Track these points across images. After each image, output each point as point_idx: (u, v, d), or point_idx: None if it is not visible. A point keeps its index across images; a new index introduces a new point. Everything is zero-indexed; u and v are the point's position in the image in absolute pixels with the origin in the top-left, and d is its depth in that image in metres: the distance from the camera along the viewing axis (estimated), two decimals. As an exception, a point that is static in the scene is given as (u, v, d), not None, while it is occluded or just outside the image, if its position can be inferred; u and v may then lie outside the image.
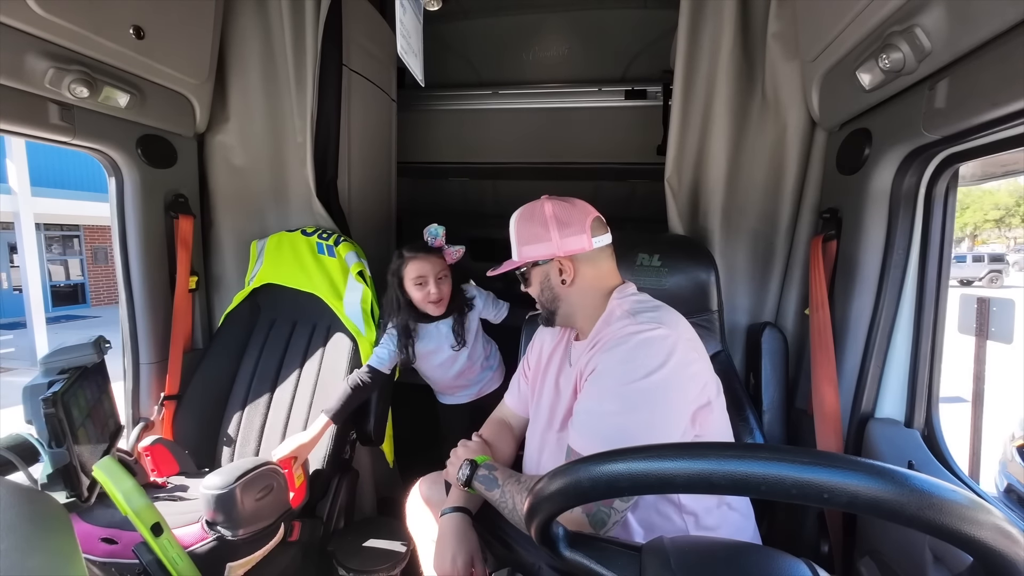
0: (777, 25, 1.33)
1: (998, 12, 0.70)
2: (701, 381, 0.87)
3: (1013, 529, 0.38)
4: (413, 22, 1.36)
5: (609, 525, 0.77)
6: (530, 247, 0.99)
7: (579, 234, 0.95)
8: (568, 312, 1.02)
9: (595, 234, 0.96)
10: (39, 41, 1.06)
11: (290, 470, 1.23)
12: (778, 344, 1.41)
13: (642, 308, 0.92)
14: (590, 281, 0.98)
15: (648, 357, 0.82)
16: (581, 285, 0.98)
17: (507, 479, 0.91)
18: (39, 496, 0.49)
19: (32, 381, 0.98)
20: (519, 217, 1.02)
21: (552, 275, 0.99)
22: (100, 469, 0.88)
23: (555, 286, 0.99)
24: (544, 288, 1.02)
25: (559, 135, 2.38)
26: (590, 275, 0.98)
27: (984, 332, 2.65)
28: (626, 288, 0.99)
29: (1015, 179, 9.55)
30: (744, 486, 0.42)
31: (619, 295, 0.97)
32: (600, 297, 0.98)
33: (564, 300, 1.01)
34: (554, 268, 0.98)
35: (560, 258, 0.96)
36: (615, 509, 0.77)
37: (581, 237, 0.95)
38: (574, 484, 0.49)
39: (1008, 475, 2.66)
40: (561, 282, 0.98)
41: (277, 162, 1.70)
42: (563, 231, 0.95)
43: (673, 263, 1.37)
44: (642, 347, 0.83)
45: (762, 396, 1.38)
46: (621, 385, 0.81)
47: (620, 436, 0.79)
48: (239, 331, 1.59)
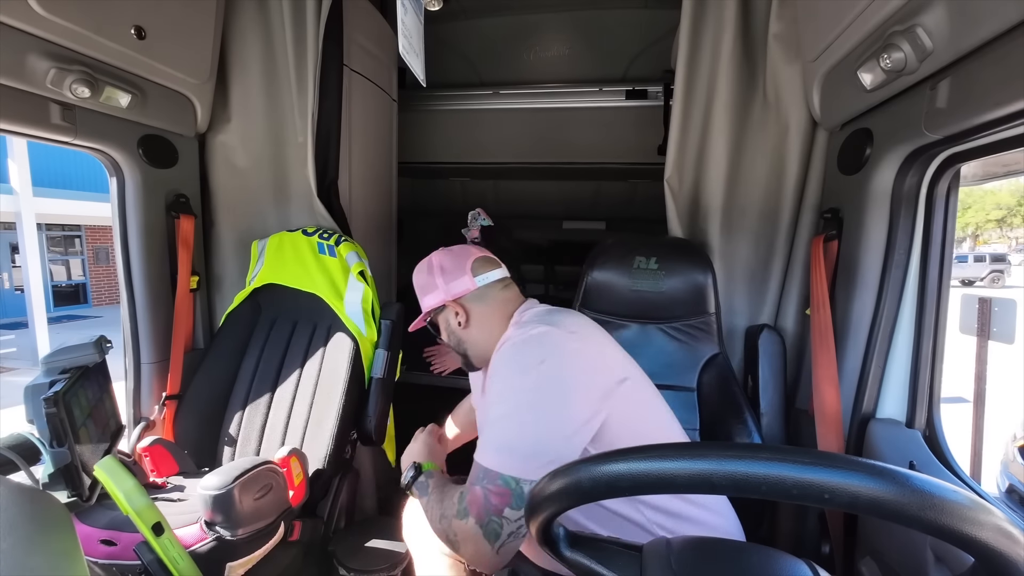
0: (778, 25, 1.33)
1: (999, 12, 0.70)
2: (594, 365, 0.84)
3: (1014, 530, 0.37)
4: (414, 22, 1.36)
5: (503, 537, 0.73)
6: (426, 298, 1.06)
7: (460, 277, 1.02)
8: (476, 352, 1.06)
9: (478, 273, 1.03)
10: (40, 41, 1.06)
11: (289, 469, 1.23)
12: (776, 346, 1.41)
13: (530, 317, 0.94)
14: (486, 316, 1.02)
15: (527, 356, 0.83)
16: (478, 322, 1.03)
17: (435, 489, 0.90)
18: (40, 496, 0.49)
19: (34, 381, 0.98)
20: (415, 273, 1.11)
21: (451, 320, 1.04)
22: (101, 469, 0.88)
23: (456, 330, 1.05)
24: (449, 334, 1.07)
25: (560, 135, 2.38)
26: (484, 311, 1.03)
27: (986, 332, 2.65)
28: (524, 306, 1.02)
29: (1017, 179, 9.52)
30: (745, 486, 0.42)
31: (516, 315, 1.00)
32: (500, 328, 1.00)
33: (468, 341, 1.05)
34: (450, 313, 1.04)
35: (449, 302, 1.03)
36: (506, 519, 0.73)
37: (463, 279, 1.02)
38: (574, 484, 0.49)
39: (1009, 475, 2.65)
40: (459, 324, 1.03)
41: (278, 162, 1.70)
42: (447, 277, 1.03)
43: (670, 266, 1.37)
44: (521, 348, 0.85)
45: (760, 398, 1.38)
46: (507, 390, 0.82)
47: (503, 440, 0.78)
48: (240, 331, 1.59)
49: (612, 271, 1.42)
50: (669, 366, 1.39)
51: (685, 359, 1.38)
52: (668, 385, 1.38)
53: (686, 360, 1.38)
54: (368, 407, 1.53)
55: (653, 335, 1.42)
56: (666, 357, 1.40)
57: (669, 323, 1.41)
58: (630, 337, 1.43)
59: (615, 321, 1.45)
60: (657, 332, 1.42)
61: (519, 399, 0.80)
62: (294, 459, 1.23)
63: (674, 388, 1.37)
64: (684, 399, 1.36)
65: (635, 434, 0.85)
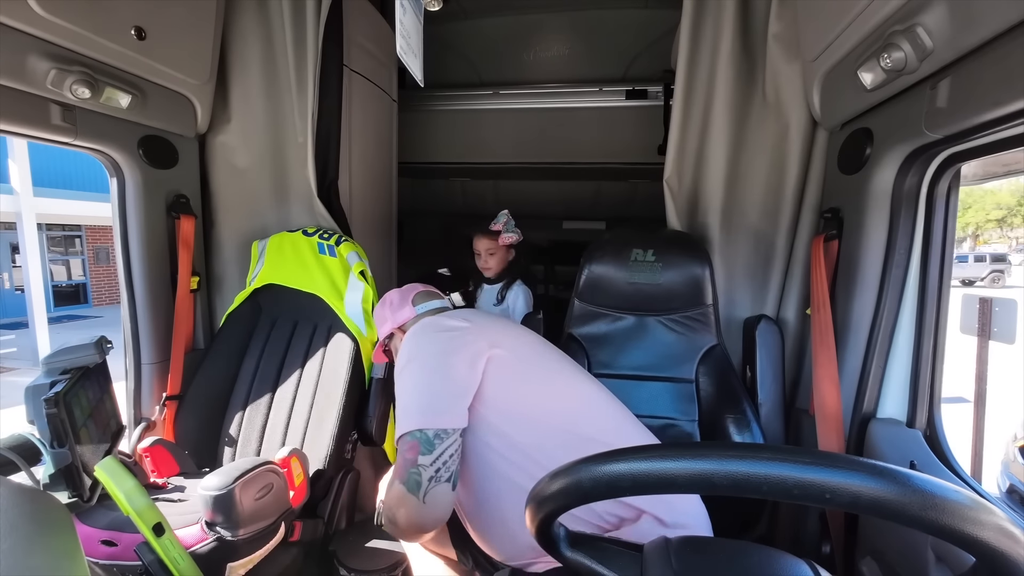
0: (778, 25, 1.33)
1: (1000, 11, 0.70)
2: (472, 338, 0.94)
3: (1015, 529, 0.37)
4: (413, 22, 1.36)
5: (424, 483, 0.81)
6: (381, 328, 1.20)
7: (403, 308, 1.17)
8: None
9: (419, 303, 1.16)
10: (41, 42, 1.06)
11: (289, 469, 1.23)
12: (773, 336, 1.41)
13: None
14: None
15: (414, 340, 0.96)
16: None
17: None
18: (41, 496, 0.49)
19: (34, 381, 0.98)
20: (375, 309, 1.25)
21: (399, 344, 1.12)
22: (102, 469, 0.88)
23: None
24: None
25: (560, 135, 2.38)
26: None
27: (986, 332, 2.65)
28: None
29: (1017, 178, 9.52)
30: (746, 486, 0.42)
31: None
32: None
33: None
34: (397, 339, 1.17)
35: (395, 329, 1.17)
36: (422, 466, 0.81)
37: (405, 310, 1.16)
38: (575, 484, 0.49)
39: (1010, 475, 2.65)
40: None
41: (278, 162, 1.70)
42: (393, 308, 1.17)
43: (667, 258, 1.37)
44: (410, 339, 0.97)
45: (758, 390, 1.38)
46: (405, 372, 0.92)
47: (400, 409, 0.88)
48: (240, 331, 1.59)
49: (609, 264, 1.42)
50: (667, 358, 1.39)
51: (683, 351, 1.39)
52: (666, 377, 1.38)
53: (684, 352, 1.39)
54: (368, 407, 1.53)
55: (651, 327, 1.42)
56: (664, 349, 1.40)
57: (667, 315, 1.41)
58: (628, 329, 1.43)
59: (612, 314, 1.45)
60: (655, 324, 1.42)
61: (407, 376, 0.91)
62: (295, 459, 1.23)
63: (672, 380, 1.37)
64: (683, 391, 1.36)
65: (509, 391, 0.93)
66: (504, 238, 2.01)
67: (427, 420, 0.84)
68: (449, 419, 0.86)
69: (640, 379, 1.39)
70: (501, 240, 2.01)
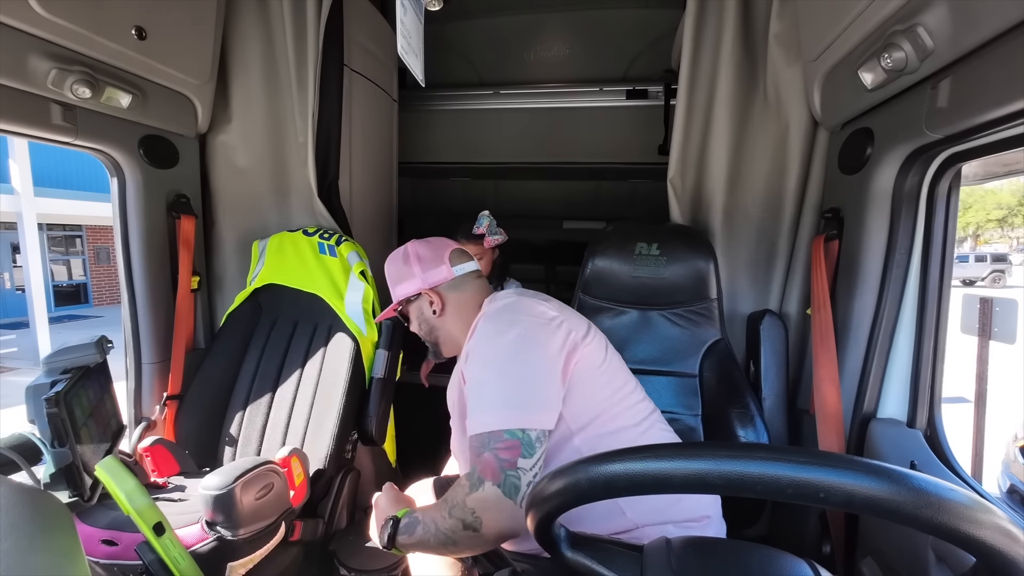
0: (779, 25, 1.33)
1: (1000, 11, 0.70)
2: (560, 325, 0.88)
3: (1016, 529, 0.37)
4: (414, 22, 1.36)
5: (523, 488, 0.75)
6: (401, 286, 1.08)
7: (438, 266, 1.04)
8: (448, 340, 1.08)
9: (455, 263, 1.05)
10: (41, 42, 1.07)
11: (290, 469, 1.23)
12: (778, 331, 1.40)
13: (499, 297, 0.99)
14: (461, 304, 1.05)
15: (502, 320, 0.88)
16: (453, 310, 1.05)
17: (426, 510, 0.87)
18: (41, 495, 0.50)
19: (35, 381, 0.98)
20: (388, 262, 1.11)
21: (424, 308, 1.07)
22: (102, 469, 0.88)
23: (429, 318, 1.07)
24: (421, 322, 1.09)
25: (560, 135, 2.38)
26: (458, 300, 1.05)
27: (987, 332, 2.65)
28: (493, 299, 1.02)
29: (1018, 178, 9.52)
30: (741, 486, 0.42)
31: (486, 304, 1.01)
32: (474, 315, 1.02)
33: (441, 329, 1.07)
34: (425, 301, 1.06)
35: (426, 291, 1.05)
36: (522, 470, 0.75)
37: (440, 269, 1.04)
38: (573, 484, 0.50)
39: (1011, 475, 2.65)
40: (433, 312, 1.06)
41: (279, 162, 1.70)
42: (424, 266, 1.05)
43: (672, 252, 1.37)
44: (494, 316, 0.90)
45: (762, 384, 1.38)
46: (488, 360, 0.85)
47: (502, 397, 0.80)
48: (241, 331, 1.59)
49: (614, 258, 1.42)
50: (671, 351, 1.38)
51: (687, 345, 1.38)
52: (670, 371, 1.37)
53: (688, 346, 1.38)
54: (369, 407, 1.53)
55: (655, 321, 1.41)
56: (668, 343, 1.39)
57: (671, 309, 1.40)
58: (631, 323, 1.43)
59: (617, 307, 1.44)
60: (659, 318, 1.41)
61: (501, 357, 0.84)
62: (295, 459, 1.23)
63: (676, 374, 1.37)
64: (686, 385, 1.36)
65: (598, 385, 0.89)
66: (490, 240, 1.96)
67: (530, 419, 0.77)
68: (550, 419, 0.80)
69: (643, 373, 1.38)
70: (487, 243, 1.95)
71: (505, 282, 2.11)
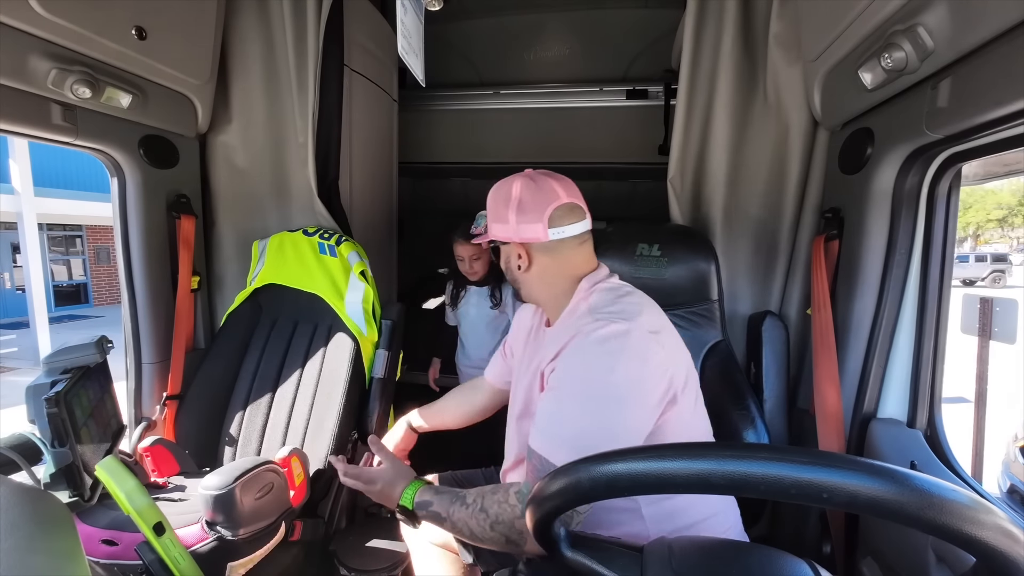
0: (779, 25, 1.33)
1: (1001, 11, 0.70)
2: (666, 374, 0.82)
3: (1016, 529, 0.37)
4: (414, 22, 1.36)
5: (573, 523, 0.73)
6: (495, 226, 0.96)
7: (534, 223, 0.90)
8: (529, 295, 1.00)
9: (556, 224, 0.90)
10: (41, 42, 1.07)
11: (290, 469, 1.23)
12: (779, 332, 1.40)
13: (604, 302, 0.88)
14: (550, 271, 0.94)
15: (605, 356, 0.78)
16: (539, 273, 0.95)
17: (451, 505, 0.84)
18: (42, 495, 0.50)
19: (35, 381, 0.98)
20: (492, 191, 0.99)
21: (512, 259, 0.96)
22: (102, 468, 0.88)
23: (514, 270, 0.97)
24: (508, 269, 1.00)
25: (560, 135, 2.38)
26: (549, 265, 0.94)
27: (987, 332, 2.64)
28: (596, 276, 0.94)
29: (1018, 178, 9.51)
30: (743, 486, 0.42)
31: (587, 285, 0.92)
32: (564, 286, 0.94)
33: (523, 283, 0.99)
34: (513, 252, 0.95)
35: (516, 244, 0.93)
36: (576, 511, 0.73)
37: (536, 227, 0.90)
38: (574, 484, 0.49)
39: (1011, 476, 2.65)
40: (518, 267, 0.96)
41: (279, 162, 1.70)
42: (520, 217, 0.91)
43: (673, 253, 1.36)
44: (599, 346, 0.79)
45: (763, 386, 1.37)
46: (580, 388, 0.79)
47: (581, 440, 0.75)
48: (241, 331, 1.59)
49: (614, 259, 1.41)
50: None
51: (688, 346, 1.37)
52: None
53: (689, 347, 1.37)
54: (369, 407, 1.53)
55: None
56: None
57: (671, 310, 1.40)
58: None
59: None
60: None
61: (595, 394, 0.77)
62: (295, 459, 1.23)
63: None
64: None
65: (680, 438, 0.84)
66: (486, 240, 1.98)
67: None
68: None
69: None
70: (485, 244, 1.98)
71: (503, 283, 2.12)
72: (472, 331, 2.17)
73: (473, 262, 2.02)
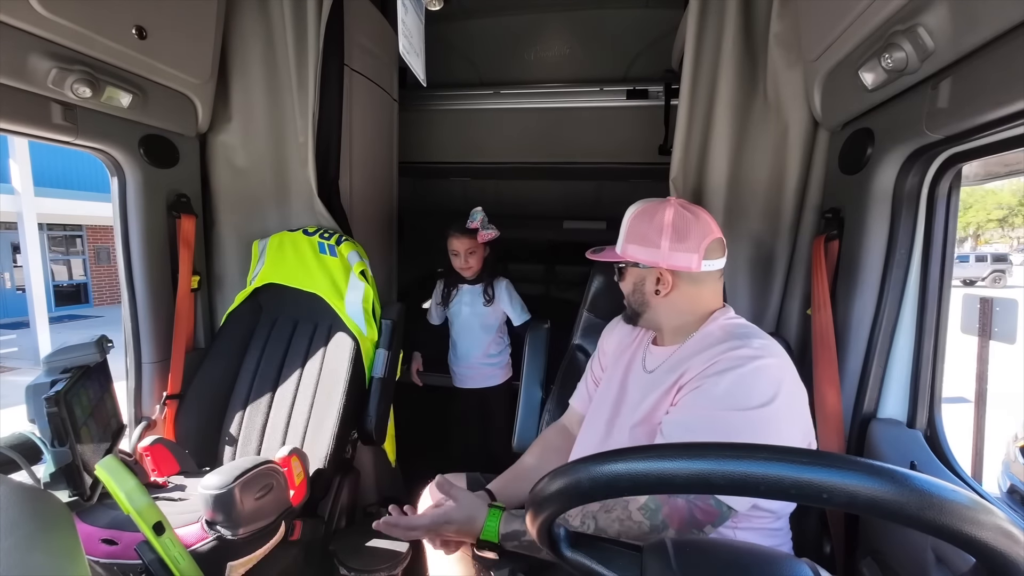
0: (779, 25, 1.33)
1: (1001, 11, 0.70)
2: (806, 417, 0.85)
3: (1016, 530, 0.37)
4: (415, 22, 1.36)
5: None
6: (636, 248, 0.97)
7: (691, 252, 0.92)
8: (653, 319, 1.02)
9: (709, 257, 0.93)
10: (42, 41, 1.06)
11: (290, 468, 1.23)
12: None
13: (752, 332, 0.91)
14: (686, 299, 0.97)
15: (762, 385, 0.80)
16: (675, 300, 0.97)
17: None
18: (41, 495, 0.50)
19: (35, 380, 0.98)
20: (637, 212, 0.99)
21: (648, 282, 0.98)
22: (102, 468, 0.88)
23: (647, 293, 0.99)
24: (636, 291, 1.02)
25: (561, 135, 2.38)
26: (688, 293, 0.96)
27: (987, 332, 2.65)
28: (727, 311, 0.98)
29: (1018, 179, 9.51)
30: (743, 486, 0.42)
31: (720, 317, 0.96)
32: (693, 316, 0.97)
33: (653, 308, 1.00)
34: (652, 276, 0.97)
35: (663, 269, 0.95)
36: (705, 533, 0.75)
37: (692, 257, 0.92)
38: (574, 484, 0.49)
39: (1011, 476, 2.65)
40: (655, 292, 0.97)
41: (279, 162, 1.70)
42: (675, 244, 0.92)
43: None
44: (756, 375, 0.81)
45: None
46: (730, 410, 0.79)
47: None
48: (241, 330, 1.59)
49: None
50: None
51: None
52: None
53: None
54: (369, 407, 1.53)
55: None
56: None
57: None
58: None
59: None
60: None
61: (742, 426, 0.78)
62: (295, 459, 1.23)
63: None
64: None
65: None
66: (483, 235, 1.96)
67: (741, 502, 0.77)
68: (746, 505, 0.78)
69: None
70: (480, 238, 1.96)
71: (496, 280, 2.11)
72: (464, 331, 2.15)
73: (468, 256, 2.01)
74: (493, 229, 1.96)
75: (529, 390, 1.57)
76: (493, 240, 2.01)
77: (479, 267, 2.06)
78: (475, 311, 2.12)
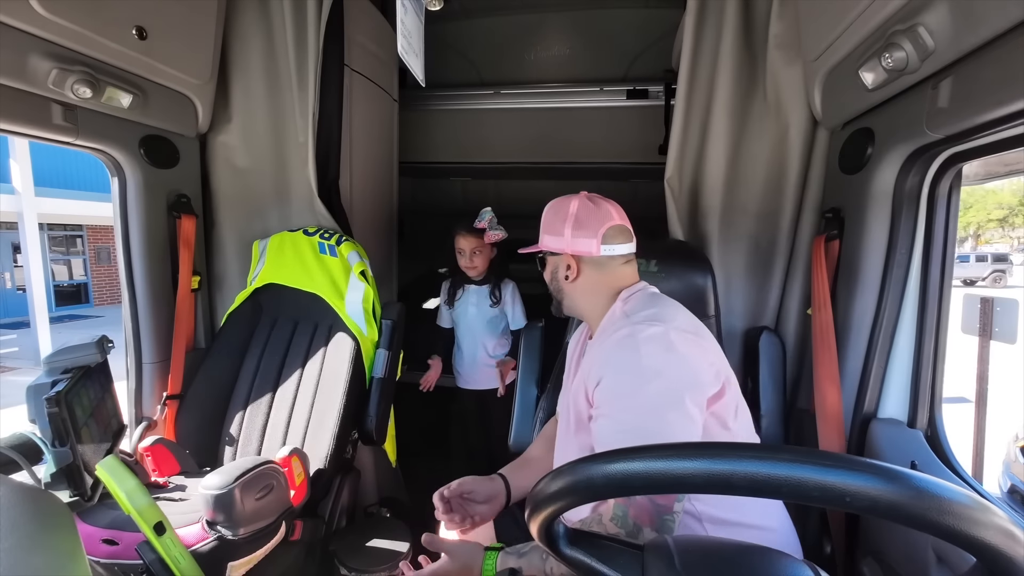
0: (779, 25, 1.33)
1: (1002, 11, 0.70)
2: (710, 370, 0.86)
3: (1016, 530, 0.37)
4: (414, 22, 1.36)
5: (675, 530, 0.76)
6: (548, 237, 1.04)
7: (589, 238, 0.99)
8: (572, 306, 1.08)
9: (609, 242, 0.99)
10: (42, 42, 1.07)
11: (290, 468, 1.23)
12: (775, 349, 1.41)
13: (639, 307, 0.94)
14: (594, 283, 1.02)
15: (647, 358, 0.83)
16: (584, 285, 1.03)
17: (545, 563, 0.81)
18: (42, 495, 0.50)
19: (36, 380, 0.98)
20: (549, 206, 1.07)
21: (560, 268, 1.04)
22: (103, 468, 0.88)
23: (560, 279, 1.05)
24: (552, 278, 1.08)
25: (561, 135, 2.38)
26: (595, 278, 1.02)
27: (987, 332, 2.65)
28: (634, 288, 1.01)
29: (1019, 178, 9.51)
30: (766, 487, 0.41)
31: (625, 294, 0.99)
32: (605, 299, 1.01)
33: (568, 295, 1.06)
34: (562, 263, 1.03)
35: (568, 255, 1.01)
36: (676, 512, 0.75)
37: (590, 242, 0.99)
38: (586, 481, 0.48)
39: (1011, 476, 2.65)
40: (565, 277, 1.03)
41: (279, 162, 1.70)
42: (576, 231, 0.99)
43: (670, 268, 1.36)
44: (639, 350, 0.84)
45: (759, 400, 1.38)
46: (629, 394, 0.82)
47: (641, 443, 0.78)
48: (241, 331, 1.59)
49: None
50: None
51: None
52: None
53: None
54: (369, 407, 1.53)
55: None
56: None
57: None
58: None
59: None
60: None
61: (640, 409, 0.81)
62: (295, 459, 1.23)
63: None
64: None
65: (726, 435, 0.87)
66: (490, 235, 1.95)
67: None
68: None
69: None
70: (487, 238, 1.95)
71: (503, 282, 2.11)
72: (469, 332, 2.15)
73: (474, 256, 2.00)
74: (501, 230, 1.95)
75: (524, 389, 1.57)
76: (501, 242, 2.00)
77: (484, 267, 2.05)
78: (481, 312, 2.11)
